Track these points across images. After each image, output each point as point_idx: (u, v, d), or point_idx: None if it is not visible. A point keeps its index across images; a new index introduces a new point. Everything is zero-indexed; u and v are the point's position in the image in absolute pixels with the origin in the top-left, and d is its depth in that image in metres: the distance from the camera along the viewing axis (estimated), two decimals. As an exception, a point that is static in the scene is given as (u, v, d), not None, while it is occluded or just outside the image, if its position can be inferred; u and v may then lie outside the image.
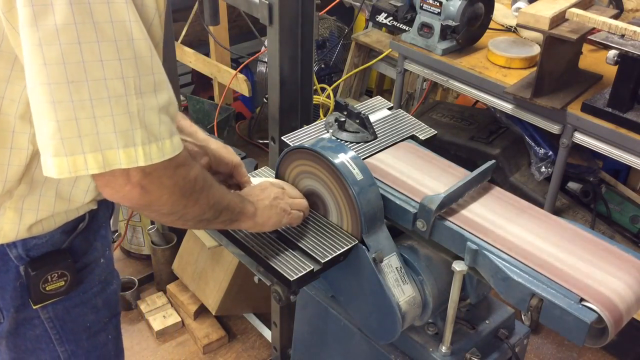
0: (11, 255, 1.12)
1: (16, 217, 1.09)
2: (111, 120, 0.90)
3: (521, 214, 1.31)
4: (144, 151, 0.93)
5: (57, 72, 0.86)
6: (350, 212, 1.32)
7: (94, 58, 0.87)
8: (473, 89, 2.40)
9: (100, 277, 1.26)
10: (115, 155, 0.91)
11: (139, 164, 0.93)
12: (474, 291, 1.40)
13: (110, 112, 0.90)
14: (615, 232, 2.45)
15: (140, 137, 0.92)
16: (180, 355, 2.51)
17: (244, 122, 3.77)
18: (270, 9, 1.58)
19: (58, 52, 0.85)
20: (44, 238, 1.14)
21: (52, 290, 1.15)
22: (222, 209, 1.15)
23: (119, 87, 0.89)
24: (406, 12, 2.52)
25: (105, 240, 1.28)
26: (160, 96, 0.94)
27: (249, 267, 1.41)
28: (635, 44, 1.89)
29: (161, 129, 0.95)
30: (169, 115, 0.96)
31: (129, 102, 0.90)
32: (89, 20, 0.85)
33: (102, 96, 0.89)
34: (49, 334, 1.22)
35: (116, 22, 0.87)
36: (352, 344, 1.55)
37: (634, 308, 1.13)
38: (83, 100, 0.88)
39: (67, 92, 0.87)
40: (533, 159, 2.51)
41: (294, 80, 1.72)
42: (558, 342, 2.54)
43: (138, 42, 0.90)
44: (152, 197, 0.99)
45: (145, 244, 2.85)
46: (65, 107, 0.88)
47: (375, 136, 1.54)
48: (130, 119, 0.91)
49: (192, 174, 1.03)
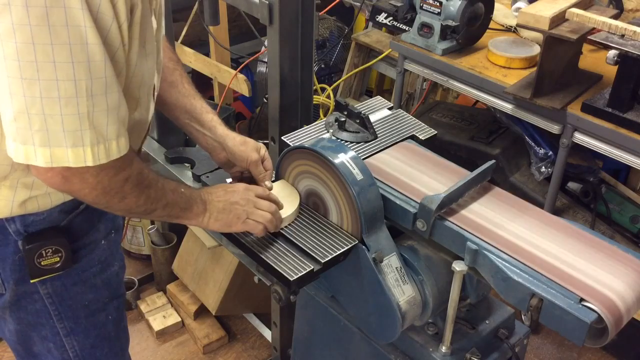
0: (10, 229, 1.17)
1: (10, 194, 1.14)
2: (60, 120, 0.95)
3: (521, 214, 1.31)
4: (92, 152, 0.99)
5: (13, 67, 0.92)
6: (350, 212, 1.32)
7: (47, 59, 0.92)
8: (473, 89, 2.40)
9: (100, 258, 1.30)
10: (64, 154, 0.97)
11: (87, 163, 0.99)
12: (474, 291, 1.40)
13: (59, 112, 0.95)
14: (615, 232, 2.45)
15: (89, 138, 0.98)
16: (180, 355, 2.51)
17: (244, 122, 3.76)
18: (270, 9, 1.57)
19: (14, 49, 0.91)
20: (41, 215, 1.18)
21: (47, 266, 1.19)
22: (158, 207, 1.17)
23: (70, 89, 0.94)
24: (406, 12, 2.52)
25: (111, 223, 1.32)
26: (110, 98, 0.99)
27: (249, 267, 1.41)
28: (635, 44, 1.89)
29: (109, 130, 1.00)
30: (118, 117, 1.01)
31: (80, 104, 0.95)
32: (44, 22, 0.90)
33: (52, 95, 0.93)
34: (48, 309, 1.26)
35: (71, 27, 0.92)
36: (352, 344, 1.55)
37: (634, 308, 1.13)
38: (34, 97, 0.93)
39: (21, 87, 0.93)
40: (533, 159, 2.51)
41: (294, 80, 1.72)
42: (558, 342, 2.54)
43: (92, 47, 0.94)
44: (74, 188, 1.04)
45: (145, 244, 2.85)
46: (19, 100, 0.93)
47: (375, 136, 1.54)
48: (80, 119, 0.96)
49: (121, 175, 1.07)
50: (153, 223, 2.75)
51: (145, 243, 2.84)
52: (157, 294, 2.73)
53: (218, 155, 1.47)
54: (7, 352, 2.42)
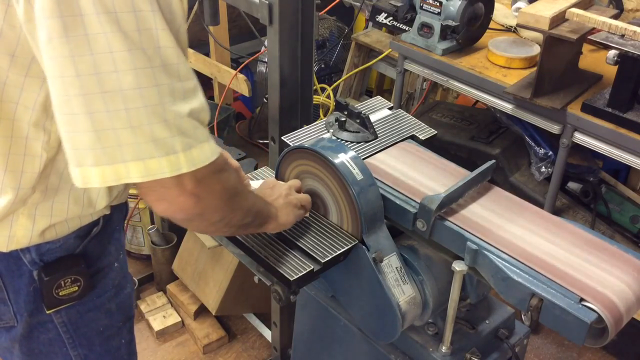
0: (25, 260, 1.11)
1: (29, 224, 1.08)
2: (149, 129, 0.88)
3: (521, 214, 1.31)
4: (186, 157, 0.92)
5: (91, 82, 0.85)
6: (350, 212, 1.32)
7: (127, 67, 0.86)
8: (473, 89, 2.40)
9: (114, 282, 1.26)
10: (158, 164, 0.90)
11: (182, 170, 0.91)
12: (474, 291, 1.40)
13: (147, 121, 0.88)
14: (615, 232, 2.45)
15: (180, 144, 0.91)
16: (180, 355, 2.51)
17: (244, 122, 3.77)
18: (270, 9, 1.57)
19: (91, 63, 0.84)
20: (57, 243, 1.13)
21: (65, 296, 1.15)
22: (256, 212, 1.16)
23: (154, 96, 0.88)
24: (406, 12, 2.52)
25: (118, 243, 1.28)
26: (192, 102, 0.93)
27: (249, 267, 1.41)
28: (635, 44, 1.89)
29: (197, 134, 0.93)
30: (200, 121, 0.95)
31: (165, 110, 0.89)
32: (117, 29, 0.84)
33: (137, 105, 0.87)
34: (62, 337, 1.21)
35: (143, 31, 0.86)
36: (352, 344, 1.55)
37: (634, 308, 1.13)
38: (118, 110, 0.86)
39: (103, 102, 0.86)
40: (533, 159, 2.51)
41: (294, 80, 1.72)
42: (558, 342, 2.54)
43: (165, 50, 0.89)
44: (205, 205, 0.98)
45: (145, 244, 2.85)
46: (102, 117, 0.86)
47: (375, 136, 1.54)
48: (168, 126, 0.90)
49: (232, 178, 1.04)
50: (153, 223, 2.75)
51: (145, 243, 2.84)
52: (157, 294, 2.73)
53: None
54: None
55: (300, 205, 1.31)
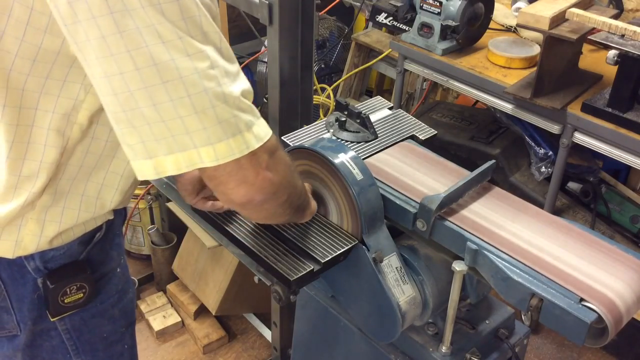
0: (29, 267, 1.11)
1: (37, 229, 1.07)
2: (213, 113, 0.89)
3: (521, 214, 1.31)
4: (251, 134, 0.92)
5: (151, 74, 0.85)
6: (350, 212, 1.32)
7: (181, 54, 0.86)
8: (473, 89, 2.40)
9: (118, 287, 1.25)
10: (227, 147, 0.90)
11: (251, 147, 0.92)
12: (474, 291, 1.40)
13: (210, 105, 0.88)
14: (615, 232, 2.45)
15: (244, 122, 0.92)
16: (180, 355, 2.51)
17: (244, 122, 3.76)
18: (270, 9, 1.58)
19: (147, 55, 0.84)
20: (61, 250, 1.12)
21: (70, 303, 1.14)
22: (304, 194, 1.17)
23: (212, 78, 0.89)
24: (406, 12, 2.52)
25: (119, 248, 1.27)
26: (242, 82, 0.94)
27: (249, 267, 1.41)
28: (635, 44, 1.89)
29: (253, 111, 0.95)
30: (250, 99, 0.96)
31: (224, 92, 0.90)
32: (164, 19, 0.84)
33: (198, 90, 0.88)
34: (65, 345, 1.20)
35: (188, 19, 0.87)
36: (352, 344, 1.55)
37: (634, 308, 1.13)
38: (182, 97, 0.87)
39: (165, 93, 0.86)
40: (533, 159, 2.51)
41: (294, 80, 1.72)
42: (558, 342, 2.54)
43: (211, 35, 0.90)
44: (278, 181, 0.99)
45: (145, 244, 2.85)
46: (167, 107, 0.87)
47: (375, 136, 1.54)
48: (229, 107, 0.90)
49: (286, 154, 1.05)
50: (153, 223, 2.75)
51: (145, 243, 2.84)
52: (157, 294, 2.73)
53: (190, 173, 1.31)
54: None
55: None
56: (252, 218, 1.27)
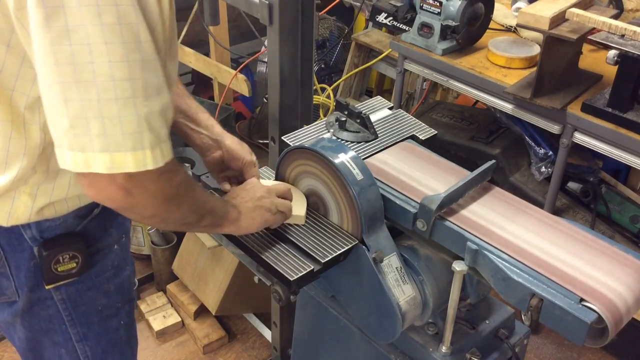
0: (26, 236, 1.15)
1: (29, 201, 1.12)
2: (119, 122, 0.91)
3: (521, 214, 1.31)
4: (153, 155, 0.94)
5: (67, 71, 0.88)
6: (351, 212, 1.32)
7: (103, 59, 0.88)
8: (473, 89, 2.40)
9: (114, 263, 1.29)
10: (124, 158, 0.92)
11: (147, 167, 0.94)
12: (474, 291, 1.40)
13: (117, 114, 0.90)
14: (615, 232, 2.45)
15: (149, 141, 0.93)
16: (180, 355, 2.51)
17: (244, 122, 3.77)
18: (270, 9, 1.57)
19: (68, 52, 0.87)
20: (57, 221, 1.16)
21: (63, 272, 1.18)
22: (205, 213, 1.15)
23: (127, 89, 0.90)
24: (406, 12, 2.52)
25: (122, 227, 1.31)
26: (163, 99, 0.95)
27: (249, 267, 1.41)
28: (635, 44, 1.89)
29: (161, 133, 0.96)
30: (167, 119, 0.97)
31: (137, 105, 0.91)
32: (97, 22, 0.87)
33: (109, 97, 0.90)
34: (61, 315, 1.25)
35: (124, 25, 0.89)
36: (352, 344, 1.55)
37: (634, 308, 1.13)
38: (91, 100, 0.89)
39: (77, 91, 0.89)
40: (533, 159, 2.51)
41: (294, 80, 1.72)
42: (558, 342, 2.54)
43: (145, 45, 0.91)
44: (135, 200, 0.99)
45: (145, 244, 2.85)
46: (75, 105, 0.89)
47: (375, 136, 1.54)
48: (138, 121, 0.92)
49: (176, 179, 1.04)
50: (153, 223, 2.74)
51: (145, 243, 2.84)
52: (157, 294, 2.73)
53: (213, 155, 1.41)
54: (7, 352, 2.42)
55: (276, 211, 1.29)
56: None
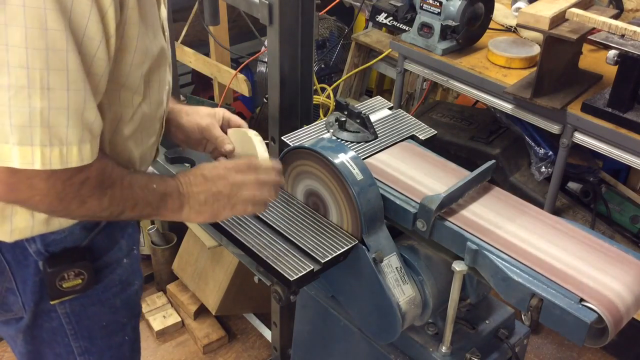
0: (30, 250, 1.11)
1: (28, 214, 1.07)
2: (7, 112, 0.84)
3: (521, 214, 1.31)
4: (42, 153, 0.87)
5: None
6: (350, 212, 1.32)
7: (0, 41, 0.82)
8: (473, 89, 2.40)
9: (122, 278, 1.24)
10: (9, 151, 0.85)
11: (34, 166, 0.87)
12: (474, 291, 1.40)
13: (7, 102, 0.84)
14: (615, 232, 2.45)
15: (39, 137, 0.86)
16: (180, 355, 2.51)
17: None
18: (270, 9, 1.57)
19: None
20: (62, 233, 1.12)
21: (68, 288, 1.14)
22: (126, 208, 1.05)
23: (22, 77, 0.83)
24: (406, 12, 2.52)
25: (131, 239, 1.26)
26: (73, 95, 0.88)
27: (249, 267, 1.41)
28: (635, 44, 1.89)
29: (69, 133, 0.88)
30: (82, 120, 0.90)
31: (31, 96, 0.84)
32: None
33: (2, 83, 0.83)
34: (64, 328, 1.21)
35: (29, 8, 0.81)
36: (352, 344, 1.55)
37: (634, 308, 1.13)
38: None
39: None
40: (533, 159, 2.51)
41: (294, 80, 1.72)
42: (558, 342, 2.54)
43: (53, 33, 0.84)
44: (21, 196, 0.92)
45: (145, 244, 2.85)
46: None
47: (375, 136, 1.54)
48: (30, 114, 0.85)
49: (77, 179, 0.94)
50: (153, 223, 2.74)
51: (145, 243, 2.84)
52: (157, 294, 2.73)
53: (176, 136, 1.33)
54: (7, 352, 2.42)
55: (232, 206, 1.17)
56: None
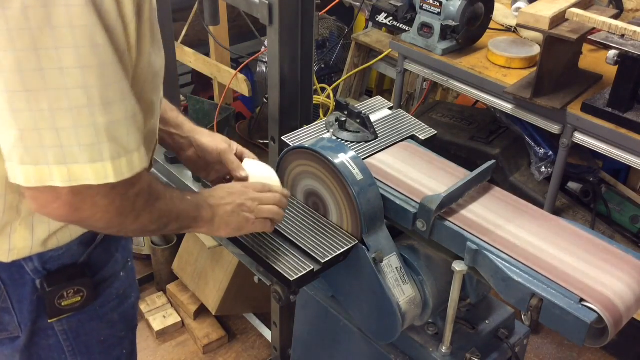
0: (27, 268, 1.09)
1: (28, 233, 1.06)
2: (74, 133, 0.85)
3: (521, 214, 1.31)
4: (114, 166, 0.88)
5: (14, 80, 0.82)
6: (350, 212, 1.32)
7: (53, 65, 0.82)
8: (473, 89, 2.40)
9: (119, 291, 1.23)
10: (82, 171, 0.87)
11: (108, 180, 0.88)
12: (474, 291, 1.40)
13: (72, 124, 0.85)
14: (615, 232, 2.45)
15: (109, 152, 0.88)
16: (180, 355, 2.51)
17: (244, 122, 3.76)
18: (270, 9, 1.57)
19: (13, 59, 0.81)
20: (60, 250, 1.11)
21: (67, 306, 1.13)
22: (171, 220, 1.08)
23: (81, 97, 0.84)
24: (406, 12, 2.52)
25: (125, 251, 1.25)
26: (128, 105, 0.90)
27: (249, 267, 1.41)
28: (635, 44, 1.89)
29: (130, 141, 0.90)
30: (136, 126, 0.92)
31: (94, 113, 0.86)
32: (46, 24, 0.81)
33: (62, 106, 0.84)
34: (62, 345, 1.19)
35: (77, 27, 0.82)
36: (352, 344, 1.55)
37: (634, 308, 1.13)
38: (42, 110, 0.83)
39: (26, 101, 0.83)
40: (533, 159, 2.51)
41: (294, 80, 1.72)
42: (558, 342, 2.54)
43: (102, 48, 0.85)
44: (84, 215, 0.93)
45: (145, 244, 2.85)
46: (25, 116, 0.83)
47: (375, 136, 1.54)
48: (96, 131, 0.86)
49: (132, 191, 0.97)
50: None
51: (145, 243, 2.84)
52: (157, 294, 2.73)
53: (186, 153, 1.36)
54: (7, 352, 2.42)
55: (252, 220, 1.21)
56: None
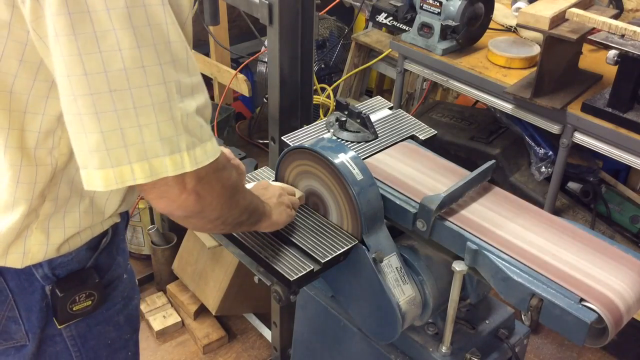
0: (37, 275, 1.09)
1: (43, 237, 1.06)
2: (156, 128, 0.87)
3: (521, 214, 1.31)
4: (189, 156, 0.91)
5: (98, 81, 0.83)
6: (350, 212, 1.32)
7: (136, 64, 0.84)
8: (473, 89, 2.40)
9: (123, 294, 1.24)
10: (162, 163, 0.89)
11: (185, 169, 0.91)
12: (474, 291, 1.40)
13: (155, 120, 0.87)
14: (615, 232, 2.45)
15: (185, 142, 0.90)
16: (180, 355, 2.51)
17: (244, 122, 3.77)
18: (270, 9, 1.58)
19: (99, 61, 0.83)
20: (69, 256, 1.11)
21: (78, 310, 1.13)
22: (252, 210, 1.15)
23: (162, 93, 0.87)
24: (406, 12, 2.52)
25: (124, 253, 1.26)
26: (198, 98, 0.92)
27: (249, 267, 1.41)
28: (635, 44, 1.89)
29: (202, 132, 0.93)
30: (205, 118, 0.94)
31: (172, 108, 0.88)
32: (127, 25, 0.83)
33: (145, 103, 0.86)
34: (69, 351, 1.19)
35: (154, 26, 0.85)
36: (352, 344, 1.55)
37: (634, 308, 1.13)
38: (127, 109, 0.85)
39: (111, 102, 0.84)
40: (533, 159, 2.51)
41: (294, 80, 1.72)
42: (558, 342, 2.54)
43: (175, 45, 0.88)
44: (205, 203, 0.97)
45: (145, 244, 2.85)
46: (109, 117, 0.85)
47: (375, 136, 1.54)
48: (175, 124, 0.89)
49: (232, 176, 1.04)
50: (153, 223, 2.75)
51: (145, 243, 2.84)
52: (157, 294, 2.73)
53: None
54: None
55: (291, 207, 1.33)
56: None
